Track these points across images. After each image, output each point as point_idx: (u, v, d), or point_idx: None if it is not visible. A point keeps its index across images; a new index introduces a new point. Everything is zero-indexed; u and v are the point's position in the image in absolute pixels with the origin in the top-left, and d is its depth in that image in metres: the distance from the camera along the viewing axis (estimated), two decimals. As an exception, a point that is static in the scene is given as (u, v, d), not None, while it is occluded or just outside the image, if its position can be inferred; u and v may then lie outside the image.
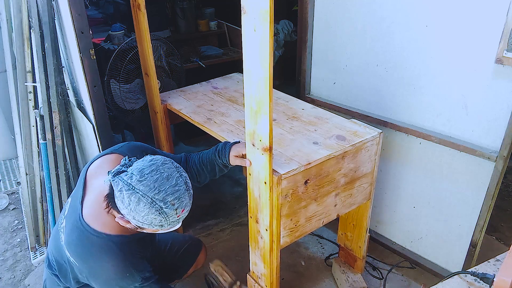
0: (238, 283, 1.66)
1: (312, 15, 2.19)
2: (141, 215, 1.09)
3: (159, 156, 1.18)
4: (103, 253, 1.20)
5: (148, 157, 1.16)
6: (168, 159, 1.18)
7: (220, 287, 1.66)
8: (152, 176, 1.09)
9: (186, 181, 1.16)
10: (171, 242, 1.78)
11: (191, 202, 1.17)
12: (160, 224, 1.12)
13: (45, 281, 1.49)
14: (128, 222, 1.15)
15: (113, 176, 1.11)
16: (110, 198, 1.15)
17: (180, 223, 1.21)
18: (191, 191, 1.18)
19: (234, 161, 1.44)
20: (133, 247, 1.26)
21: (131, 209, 1.09)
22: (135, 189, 1.07)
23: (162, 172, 1.11)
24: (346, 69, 2.13)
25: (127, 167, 1.13)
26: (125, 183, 1.08)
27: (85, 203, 1.25)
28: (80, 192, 1.28)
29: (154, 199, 1.07)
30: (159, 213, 1.09)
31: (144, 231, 1.19)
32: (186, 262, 1.79)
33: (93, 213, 1.23)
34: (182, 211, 1.14)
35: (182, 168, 1.19)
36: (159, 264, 1.63)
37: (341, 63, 2.14)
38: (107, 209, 1.17)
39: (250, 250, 1.60)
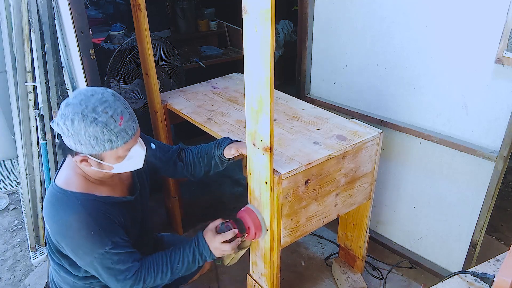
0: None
1: (312, 15, 2.19)
2: (82, 134, 1.09)
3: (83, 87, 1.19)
4: (66, 208, 1.18)
5: None
6: (94, 87, 1.19)
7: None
8: (76, 99, 1.11)
9: (114, 94, 1.15)
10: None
11: (128, 111, 1.16)
12: (108, 138, 1.11)
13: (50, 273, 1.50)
14: (86, 159, 1.16)
15: (52, 122, 1.15)
16: (62, 145, 1.17)
17: (137, 144, 1.21)
18: (125, 102, 1.16)
19: (228, 152, 1.48)
20: (101, 207, 1.22)
21: (71, 134, 1.10)
22: (65, 114, 1.10)
23: (85, 93, 1.13)
24: (346, 69, 2.13)
25: None
26: (58, 116, 1.12)
27: (60, 168, 1.28)
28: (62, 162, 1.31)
29: (84, 113, 1.08)
30: (96, 123, 1.08)
31: (107, 162, 1.18)
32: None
33: (63, 173, 1.25)
34: (121, 118, 1.12)
35: (109, 89, 1.19)
36: None
37: (341, 63, 2.14)
38: (61, 153, 1.20)
39: (250, 250, 1.60)
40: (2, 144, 3.32)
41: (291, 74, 2.83)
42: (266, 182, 1.32)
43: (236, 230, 1.36)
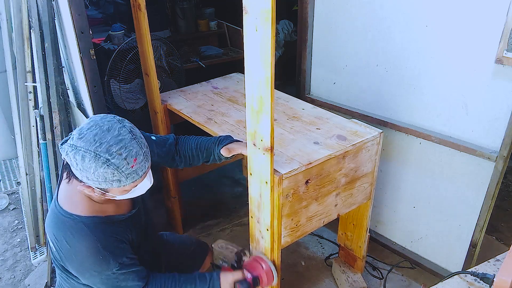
0: (246, 251, 1.59)
1: (312, 15, 2.19)
2: (91, 172, 1.04)
3: (99, 115, 1.14)
4: (74, 234, 1.16)
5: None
6: (110, 115, 1.13)
7: (228, 261, 1.57)
8: (91, 131, 1.06)
9: (131, 130, 1.10)
10: (177, 245, 1.77)
11: (144, 151, 1.11)
12: (117, 179, 1.07)
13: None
14: (91, 188, 1.12)
15: (61, 144, 1.09)
16: (67, 168, 1.13)
17: (146, 177, 1.18)
18: (142, 140, 1.12)
19: (226, 152, 1.47)
20: (108, 228, 1.21)
21: (80, 169, 1.05)
22: (76, 147, 1.04)
23: (102, 126, 1.07)
24: (346, 69, 2.13)
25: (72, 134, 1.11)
26: (68, 145, 1.06)
27: (61, 186, 1.25)
28: (60, 176, 1.28)
29: (97, 152, 1.03)
30: (107, 165, 1.04)
31: (111, 194, 1.15)
32: (193, 265, 1.77)
33: (66, 194, 1.22)
34: (135, 160, 1.07)
35: (127, 121, 1.13)
36: (165, 267, 1.61)
37: (341, 63, 2.14)
38: (67, 180, 1.17)
39: (251, 250, 1.60)
40: (2, 144, 3.32)
41: (291, 74, 2.83)
42: (266, 182, 1.32)
43: None
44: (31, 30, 2.00)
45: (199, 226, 2.54)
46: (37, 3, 1.89)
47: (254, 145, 1.30)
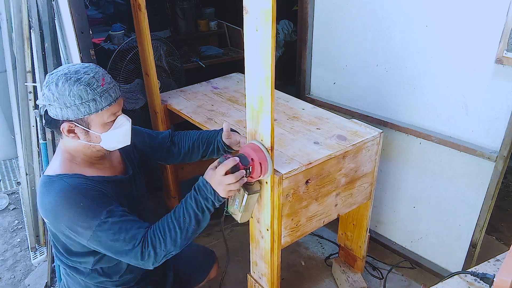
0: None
1: (312, 15, 2.19)
2: (66, 95, 1.11)
3: None
4: (53, 190, 1.16)
5: None
6: None
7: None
8: (59, 68, 1.18)
9: (96, 65, 1.21)
10: (184, 252, 1.72)
11: (109, 77, 1.19)
12: (92, 97, 1.13)
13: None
14: (72, 129, 1.17)
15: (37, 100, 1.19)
16: (47, 118, 1.18)
17: (122, 114, 1.23)
18: (104, 70, 1.20)
19: (226, 139, 1.48)
20: (89, 183, 1.19)
21: (56, 98, 1.12)
22: (49, 81, 1.14)
23: (69, 65, 1.19)
24: (346, 69, 2.13)
25: None
26: (44, 87, 1.16)
27: (49, 163, 1.29)
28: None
29: (67, 75, 1.13)
30: (79, 83, 1.12)
31: (93, 130, 1.18)
32: (199, 275, 1.73)
33: (50, 165, 1.25)
34: (103, 79, 1.16)
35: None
36: (172, 276, 1.58)
37: (341, 63, 2.14)
38: (46, 125, 1.20)
39: (251, 250, 1.60)
40: (2, 144, 3.32)
41: (291, 74, 2.83)
42: (266, 182, 1.32)
43: (237, 158, 1.20)
44: (31, 30, 2.00)
45: (199, 226, 2.53)
46: (37, 3, 1.89)
47: (254, 145, 1.30)
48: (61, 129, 1.18)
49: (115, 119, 1.22)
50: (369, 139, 1.61)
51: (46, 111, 1.17)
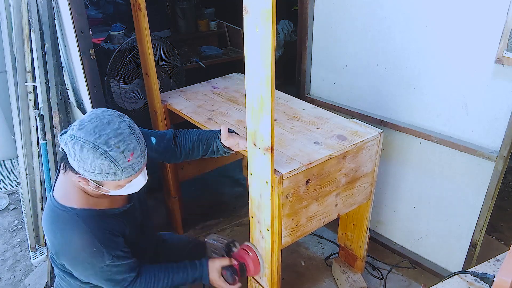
0: (236, 242, 1.62)
1: (312, 15, 2.19)
2: (88, 163, 1.05)
3: (100, 109, 1.16)
4: (68, 226, 1.17)
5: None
6: (110, 109, 1.16)
7: (219, 252, 1.59)
8: (91, 123, 1.07)
9: (130, 125, 1.12)
10: (175, 245, 1.75)
11: (141, 146, 1.13)
12: (113, 172, 1.08)
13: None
14: (86, 180, 1.13)
15: (60, 135, 1.11)
16: (64, 159, 1.14)
17: (141, 174, 1.19)
18: (140, 136, 1.14)
19: (225, 140, 1.47)
20: (102, 222, 1.21)
21: (78, 159, 1.06)
22: (76, 137, 1.06)
23: (102, 119, 1.09)
24: (346, 69, 2.13)
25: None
26: (68, 135, 1.08)
27: (58, 180, 1.26)
28: (58, 170, 1.29)
29: (96, 143, 1.05)
30: (105, 157, 1.05)
31: (105, 188, 1.16)
32: None
33: (61, 188, 1.23)
34: (132, 154, 1.09)
35: (127, 116, 1.15)
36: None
37: (341, 63, 2.14)
38: (63, 171, 1.17)
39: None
40: (2, 144, 3.32)
41: (291, 74, 2.83)
42: (267, 182, 1.32)
43: (239, 284, 1.48)
44: (31, 30, 2.00)
45: (199, 226, 2.54)
46: (37, 3, 1.89)
47: (255, 145, 1.30)
48: (74, 177, 1.15)
49: (131, 181, 1.19)
50: (369, 139, 1.61)
51: (65, 152, 1.13)
